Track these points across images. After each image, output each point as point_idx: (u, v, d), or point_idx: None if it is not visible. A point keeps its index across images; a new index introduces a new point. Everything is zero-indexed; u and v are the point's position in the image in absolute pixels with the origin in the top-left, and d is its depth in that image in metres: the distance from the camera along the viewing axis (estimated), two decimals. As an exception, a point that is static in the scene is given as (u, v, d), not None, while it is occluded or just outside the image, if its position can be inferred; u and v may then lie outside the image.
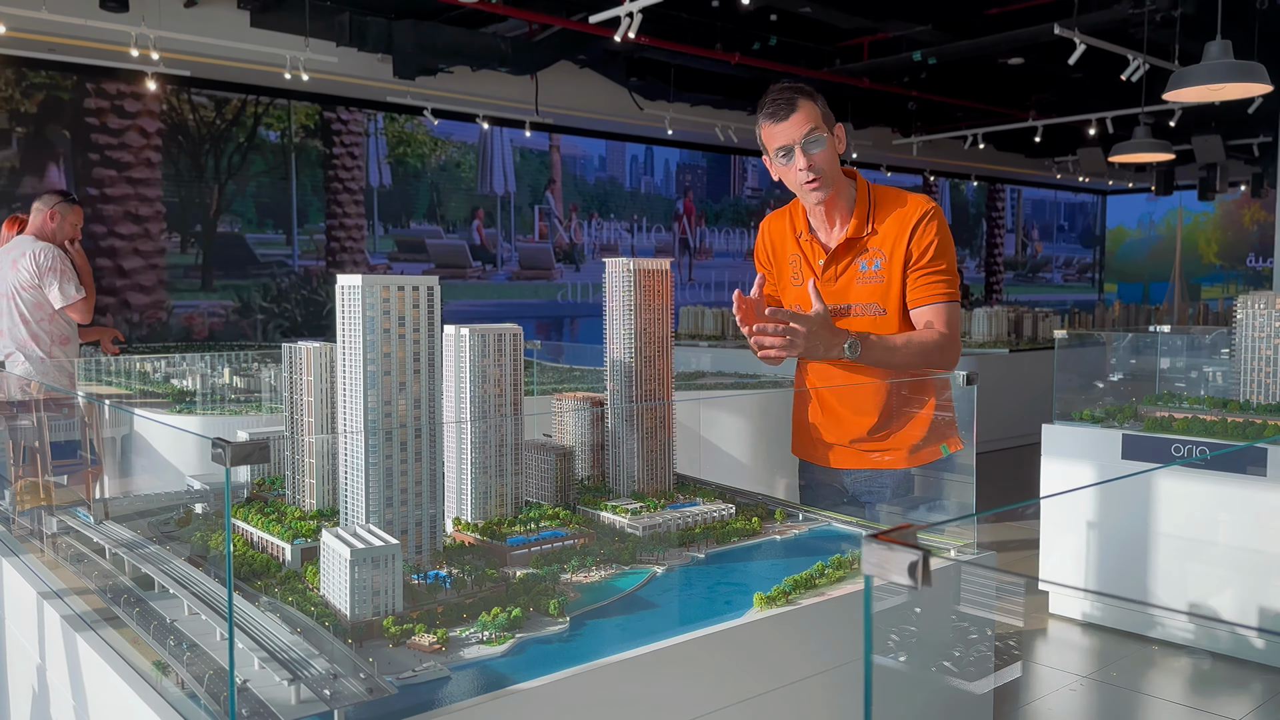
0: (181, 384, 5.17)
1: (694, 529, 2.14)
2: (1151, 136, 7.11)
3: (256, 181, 9.70)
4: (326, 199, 10.11)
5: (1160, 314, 14.62)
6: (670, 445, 2.38)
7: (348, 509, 1.84)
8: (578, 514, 2.20)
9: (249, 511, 2.12)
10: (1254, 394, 3.88)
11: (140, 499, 2.46)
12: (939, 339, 2.36)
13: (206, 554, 1.89)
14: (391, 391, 1.80)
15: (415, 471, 1.84)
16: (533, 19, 8.44)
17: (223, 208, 9.50)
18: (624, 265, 2.28)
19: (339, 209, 10.24)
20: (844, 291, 2.50)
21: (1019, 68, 10.94)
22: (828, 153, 2.41)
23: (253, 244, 9.73)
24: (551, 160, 11.83)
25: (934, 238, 2.40)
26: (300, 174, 9.90)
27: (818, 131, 2.39)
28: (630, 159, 12.58)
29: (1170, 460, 3.68)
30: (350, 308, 1.79)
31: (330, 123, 10.11)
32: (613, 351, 2.33)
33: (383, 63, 9.27)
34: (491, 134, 11.06)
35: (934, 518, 2.32)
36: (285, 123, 9.75)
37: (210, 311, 9.41)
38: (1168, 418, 3.84)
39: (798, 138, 2.40)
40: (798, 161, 2.41)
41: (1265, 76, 3.68)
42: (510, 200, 11.50)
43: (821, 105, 2.42)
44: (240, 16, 8.31)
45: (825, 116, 2.42)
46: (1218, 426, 3.66)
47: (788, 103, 2.40)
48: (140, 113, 8.94)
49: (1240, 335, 3.90)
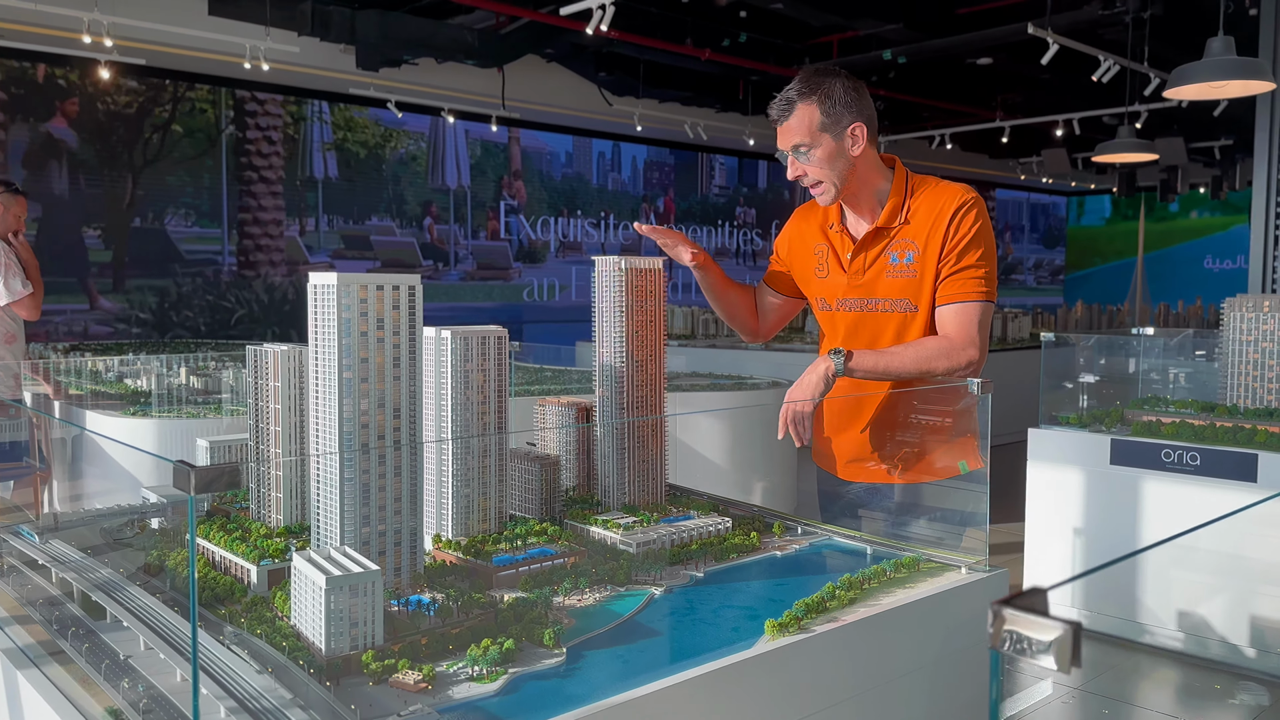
0: (135, 384, 4.95)
1: (690, 545, 2.01)
2: (1132, 137, 7.08)
3: (178, 172, 9.02)
4: (240, 190, 9.40)
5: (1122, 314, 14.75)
6: (662, 455, 2.25)
7: (320, 528, 1.69)
8: (566, 529, 2.07)
9: (210, 528, 1.96)
10: (1241, 398, 3.83)
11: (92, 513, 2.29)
12: (944, 345, 2.21)
13: (165, 578, 1.73)
14: (369, 400, 1.65)
15: (394, 487, 1.69)
16: (501, 10, 8.27)
17: (139, 200, 8.83)
18: (614, 264, 2.15)
19: (253, 201, 9.48)
20: (872, 285, 2.35)
21: (987, 68, 10.94)
22: (823, 160, 2.27)
23: (178, 239, 9.05)
24: (511, 153, 11.58)
25: (970, 230, 2.24)
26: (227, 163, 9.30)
27: (804, 146, 2.27)
28: (598, 155, 12.43)
29: (1160, 465, 3.62)
30: (324, 309, 1.64)
31: (244, 102, 9.35)
32: (602, 355, 2.19)
33: (345, 53, 9.05)
34: (441, 125, 10.69)
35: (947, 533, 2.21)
36: (215, 108, 9.24)
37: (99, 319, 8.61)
38: (1155, 422, 3.78)
39: (786, 146, 2.30)
40: (790, 169, 2.31)
41: (1268, 73, 3.63)
42: (467, 196, 11.17)
43: (825, 105, 2.26)
44: (197, 4, 8.05)
45: (827, 121, 2.26)
46: (1207, 431, 3.60)
47: (785, 107, 2.28)
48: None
49: (1226, 339, 3.85)
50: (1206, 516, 3.36)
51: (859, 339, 2.37)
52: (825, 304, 2.45)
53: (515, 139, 11.55)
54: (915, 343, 2.25)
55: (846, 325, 2.40)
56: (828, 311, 2.45)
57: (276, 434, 1.99)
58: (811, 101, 2.28)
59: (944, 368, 2.18)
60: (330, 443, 1.65)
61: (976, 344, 2.22)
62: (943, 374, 2.18)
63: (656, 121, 10.83)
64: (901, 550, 2.05)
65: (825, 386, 2.16)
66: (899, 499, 2.36)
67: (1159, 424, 3.76)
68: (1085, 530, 3.87)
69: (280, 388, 1.97)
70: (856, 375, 2.20)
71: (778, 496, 5.34)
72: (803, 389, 2.17)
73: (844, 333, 2.40)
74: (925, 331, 2.29)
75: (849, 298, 2.38)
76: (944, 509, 2.27)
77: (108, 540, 2.06)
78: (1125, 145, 7.01)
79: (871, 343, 2.34)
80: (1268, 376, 3.77)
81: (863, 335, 2.37)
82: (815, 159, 2.28)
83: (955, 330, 2.23)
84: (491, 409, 2.00)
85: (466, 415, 1.97)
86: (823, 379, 2.15)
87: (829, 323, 2.47)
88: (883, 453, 2.36)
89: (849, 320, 2.39)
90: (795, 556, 2.06)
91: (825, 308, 2.45)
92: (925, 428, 2.30)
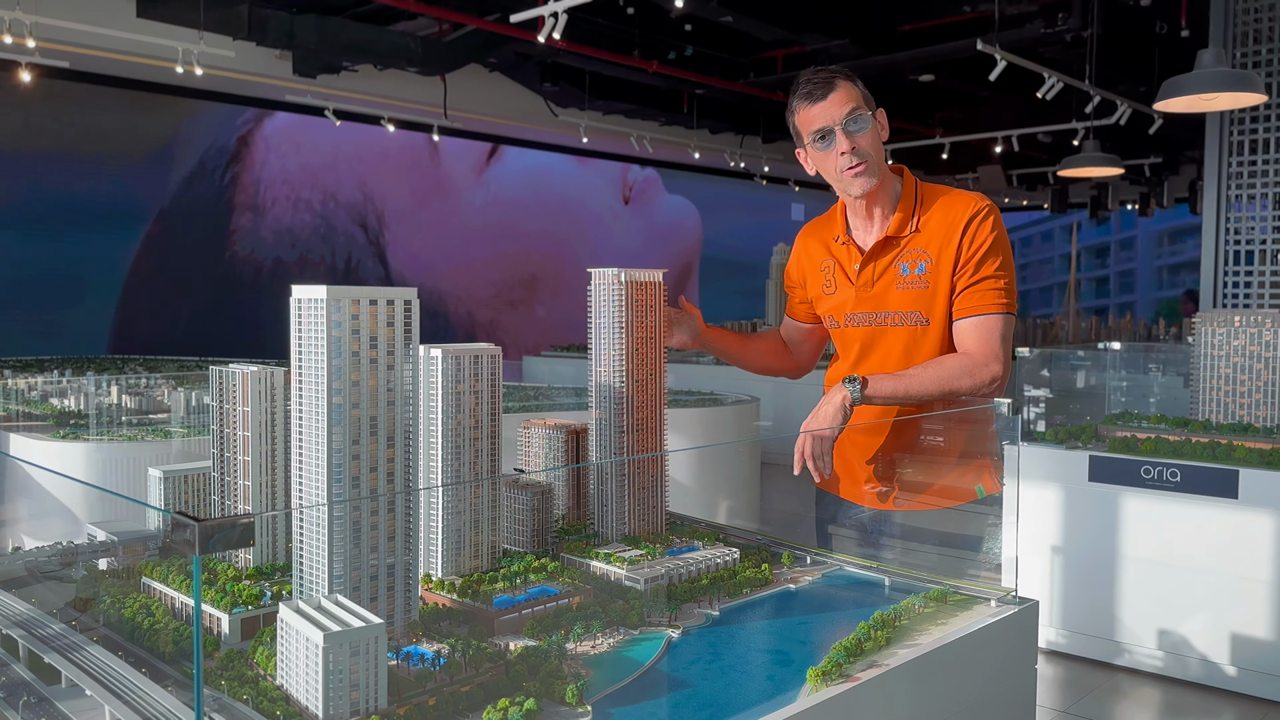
0: (63, 404, 4.64)
1: (700, 580, 1.86)
2: (1097, 150, 7.13)
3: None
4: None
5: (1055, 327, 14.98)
6: (663, 481, 2.10)
7: (305, 572, 1.50)
8: (564, 564, 1.90)
9: (167, 570, 1.76)
10: (1214, 413, 3.81)
11: (25, 554, 2.05)
12: (965, 362, 2.09)
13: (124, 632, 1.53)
14: (360, 428, 1.48)
15: (388, 525, 1.52)
16: (445, 17, 8.07)
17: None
18: (613, 277, 1.99)
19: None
20: (881, 298, 2.22)
21: (928, 85, 11.04)
22: (871, 136, 2.16)
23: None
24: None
25: (987, 239, 2.13)
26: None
27: (860, 111, 2.13)
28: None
29: (1140, 482, 3.57)
30: (310, 326, 1.46)
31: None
32: (599, 375, 2.03)
33: (282, 59, 8.76)
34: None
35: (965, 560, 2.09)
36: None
37: None
38: (1131, 438, 3.74)
39: (838, 118, 2.13)
40: (839, 144, 2.14)
41: (1260, 85, 3.62)
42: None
43: (861, 87, 2.17)
44: (126, 5, 7.70)
45: (866, 98, 2.17)
46: (1184, 447, 3.57)
47: (825, 83, 2.14)
48: None
49: (1199, 354, 3.84)
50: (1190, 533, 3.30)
51: (873, 356, 2.24)
52: (834, 321, 2.32)
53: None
54: (934, 362, 2.12)
55: (861, 342, 2.27)
56: (838, 330, 2.32)
57: (245, 464, 1.79)
58: (849, 79, 2.18)
59: (967, 387, 2.06)
60: (317, 475, 1.47)
61: (1000, 359, 2.10)
62: (966, 393, 2.06)
63: (602, 134, 10.70)
64: (922, 582, 1.93)
65: (844, 417, 2.02)
66: (910, 524, 2.24)
67: (1135, 440, 3.72)
68: (1065, 549, 3.81)
69: (250, 413, 1.78)
70: (875, 403, 2.07)
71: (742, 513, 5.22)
72: (819, 420, 2.03)
73: (858, 351, 2.28)
74: (937, 347, 2.17)
75: (858, 312, 2.25)
76: (961, 535, 2.16)
77: (46, 584, 1.84)
78: (1091, 159, 7.07)
79: (882, 360, 2.22)
80: (1239, 391, 3.76)
81: (873, 352, 2.24)
82: (870, 129, 2.16)
83: (976, 345, 2.11)
84: (485, 434, 1.83)
85: (458, 441, 1.79)
86: (840, 410, 2.01)
87: (842, 342, 2.34)
88: (893, 474, 2.23)
89: (862, 337, 2.27)
90: (811, 590, 1.92)
91: (835, 325, 2.33)
92: (939, 449, 2.18)
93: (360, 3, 7.88)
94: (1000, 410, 1.87)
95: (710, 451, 5.19)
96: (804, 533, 2.48)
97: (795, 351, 2.56)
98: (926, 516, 2.23)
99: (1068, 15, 8.41)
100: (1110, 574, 3.71)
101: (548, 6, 6.33)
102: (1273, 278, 5.44)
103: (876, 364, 2.23)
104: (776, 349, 2.55)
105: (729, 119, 11.96)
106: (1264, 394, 3.71)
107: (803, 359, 2.56)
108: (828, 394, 2.05)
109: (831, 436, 2.02)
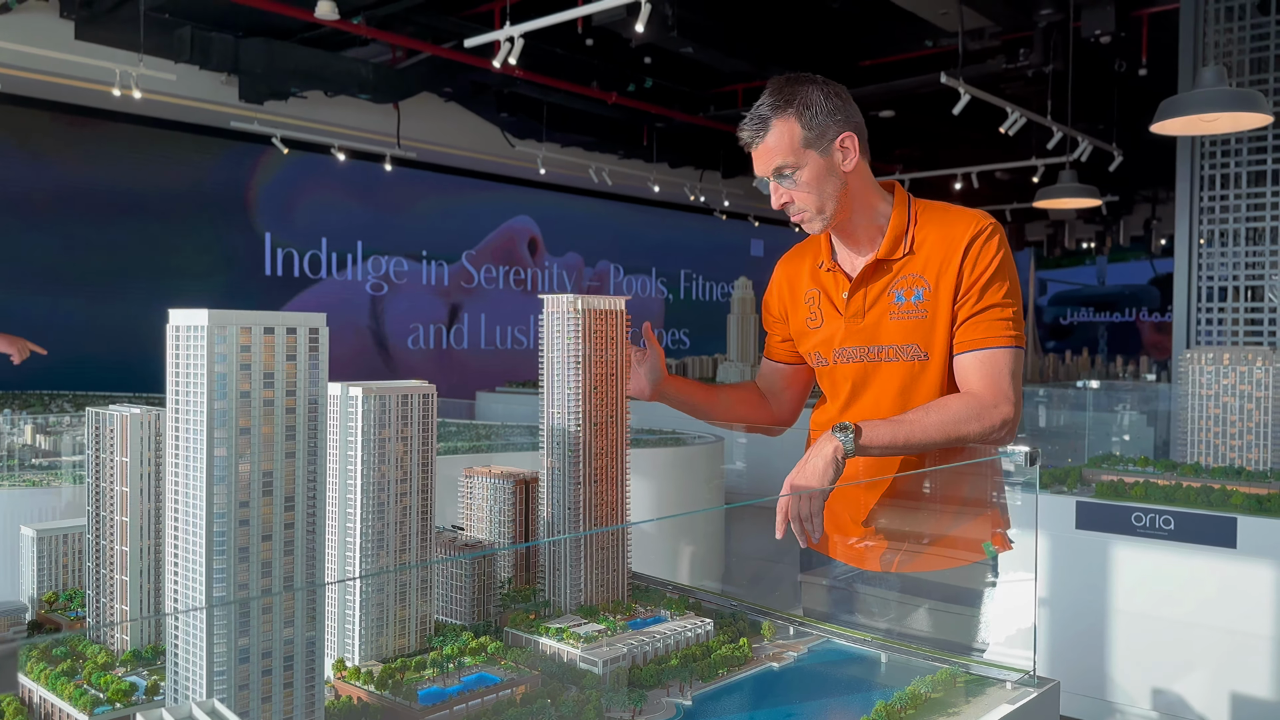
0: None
1: (668, 659, 1.58)
2: (1074, 181, 7.02)
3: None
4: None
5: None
6: (625, 540, 1.83)
7: (180, 666, 1.21)
8: (507, 641, 1.62)
9: (28, 653, 1.45)
10: (1203, 455, 3.62)
11: None
12: (971, 404, 1.84)
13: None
14: (251, 487, 1.19)
15: (285, 606, 1.23)
16: (399, 43, 7.83)
17: None
18: (568, 304, 1.73)
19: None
20: (873, 330, 1.97)
21: (888, 121, 10.98)
22: (811, 182, 1.91)
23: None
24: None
25: (992, 262, 1.89)
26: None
27: (788, 168, 1.91)
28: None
29: (1131, 530, 3.36)
30: (190, 360, 1.18)
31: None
32: (552, 417, 1.76)
33: (228, 84, 8.45)
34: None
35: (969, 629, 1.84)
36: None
37: None
38: (1119, 482, 3.53)
39: (766, 172, 1.93)
40: (772, 197, 1.94)
41: (1265, 106, 3.46)
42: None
43: (807, 117, 1.90)
44: (63, 27, 7.37)
45: (810, 135, 1.90)
46: (1176, 492, 3.36)
47: (758, 125, 1.91)
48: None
49: (1187, 394, 3.65)
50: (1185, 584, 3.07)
51: (865, 397, 1.98)
52: (822, 359, 2.05)
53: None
54: (937, 404, 1.86)
55: (853, 381, 2.00)
56: (826, 368, 2.05)
57: (123, 526, 1.49)
58: (788, 115, 1.91)
59: (975, 432, 1.80)
60: (194, 547, 1.18)
61: (1010, 399, 1.84)
62: (974, 439, 1.80)
63: (560, 165, 10.48)
64: (924, 659, 1.67)
65: (835, 472, 1.74)
66: (907, 588, 1.98)
67: (1123, 484, 3.51)
68: (1051, 600, 3.58)
69: (129, 464, 1.48)
70: (871, 454, 1.80)
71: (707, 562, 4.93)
72: (807, 476, 1.75)
73: (849, 391, 2.01)
74: (938, 385, 1.92)
75: (847, 346, 1.99)
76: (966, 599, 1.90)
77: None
78: (1068, 190, 6.95)
79: (876, 400, 1.96)
80: (1229, 433, 3.57)
81: (866, 392, 1.98)
82: (802, 181, 1.91)
83: (983, 384, 1.86)
84: (414, 488, 1.55)
85: (381, 498, 1.51)
86: (831, 464, 1.74)
87: (831, 382, 2.07)
88: (889, 531, 1.97)
89: (854, 374, 2.00)
90: (798, 669, 1.65)
91: (823, 363, 2.06)
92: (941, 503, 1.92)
93: (310, 27, 7.61)
94: (1015, 458, 1.62)
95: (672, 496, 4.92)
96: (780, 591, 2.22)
97: (774, 401, 2.28)
98: (926, 580, 1.97)
99: (1029, 51, 8.38)
100: (1100, 628, 3.48)
101: (503, 31, 6.11)
102: (1248, 314, 5.32)
103: (870, 405, 1.97)
104: (751, 399, 2.28)
105: (689, 153, 11.82)
106: (1255, 435, 3.52)
107: (782, 410, 2.28)
108: (816, 444, 1.78)
109: (822, 496, 1.75)
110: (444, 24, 7.67)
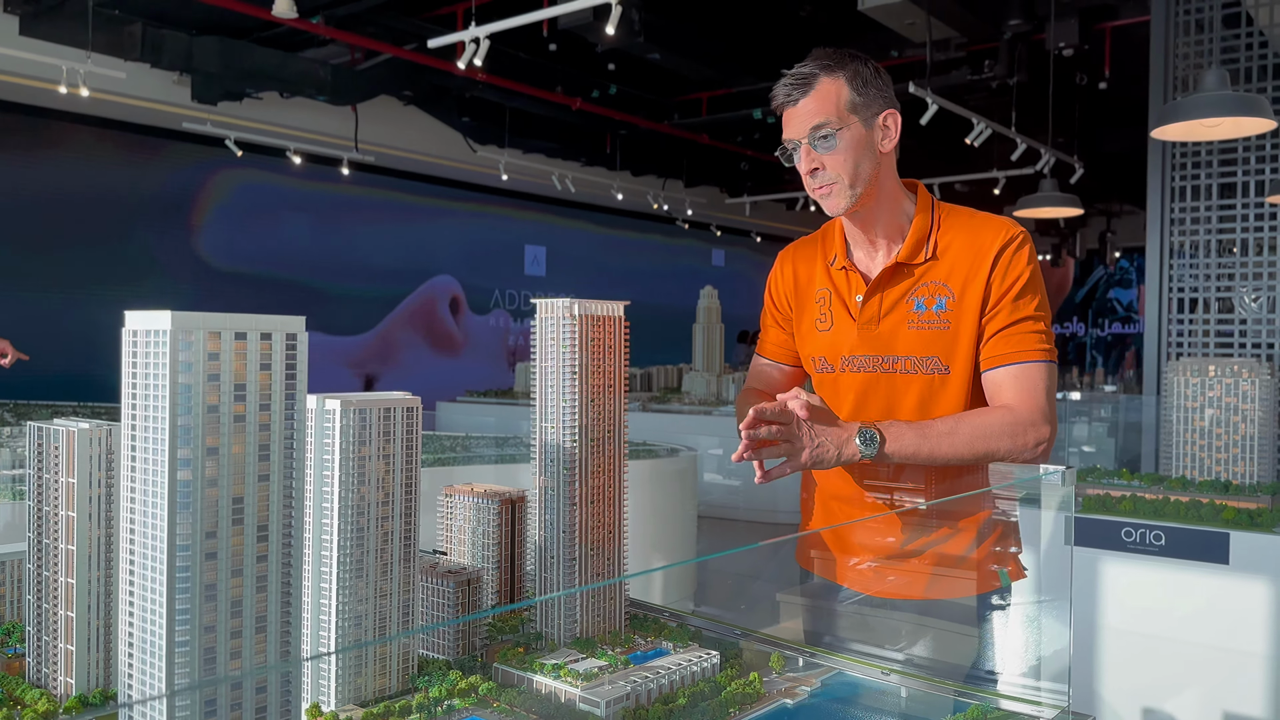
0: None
1: (676, 698, 1.45)
2: (1055, 190, 6.99)
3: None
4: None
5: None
6: (620, 561, 1.69)
7: (134, 716, 1.05)
8: (497, 679, 1.47)
9: (-44, 699, 1.28)
10: (1189, 469, 3.56)
11: None
12: (1007, 419, 1.72)
13: None
14: (220, 514, 1.04)
15: (255, 646, 1.08)
16: (359, 43, 7.64)
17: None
18: (563, 309, 1.59)
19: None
20: (890, 339, 1.84)
21: (853, 131, 10.96)
22: (848, 152, 1.78)
23: None
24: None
25: (1023, 273, 1.78)
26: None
27: (829, 127, 1.77)
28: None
29: (1121, 546, 3.28)
30: (150, 369, 1.03)
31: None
32: (545, 432, 1.62)
33: (180, 84, 8.19)
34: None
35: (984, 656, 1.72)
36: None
37: None
38: (1106, 496, 3.46)
39: (802, 133, 1.79)
40: (802, 162, 1.80)
41: (1268, 110, 3.41)
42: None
43: (857, 82, 1.78)
44: (7, 21, 7.09)
45: (858, 100, 1.78)
46: (1165, 507, 3.30)
47: (802, 82, 1.77)
48: None
49: (1172, 406, 3.59)
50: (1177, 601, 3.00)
51: (869, 410, 1.86)
52: (826, 364, 1.92)
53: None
54: (971, 415, 1.74)
55: (855, 392, 1.87)
56: (830, 374, 1.92)
57: (69, 555, 1.33)
58: (838, 75, 1.78)
59: (1007, 449, 1.69)
60: (154, 581, 1.02)
61: (1048, 419, 1.73)
62: (1003, 457, 1.69)
63: (522, 172, 10.32)
64: (948, 693, 1.55)
65: (832, 461, 1.65)
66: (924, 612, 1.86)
67: (1110, 498, 3.44)
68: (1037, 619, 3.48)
69: (75, 486, 1.32)
70: (893, 461, 1.68)
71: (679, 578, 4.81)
72: (816, 456, 1.65)
73: (853, 402, 1.88)
74: (961, 400, 1.80)
75: (858, 354, 1.86)
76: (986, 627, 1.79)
77: None
78: (1049, 199, 6.93)
79: (884, 415, 1.83)
80: (1215, 446, 3.52)
81: (874, 405, 1.86)
82: (840, 146, 1.78)
83: (1019, 399, 1.74)
84: (396, 512, 1.40)
85: (361, 522, 1.36)
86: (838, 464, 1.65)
87: (832, 390, 1.93)
88: (904, 553, 1.85)
89: (858, 385, 1.87)
90: (814, 707, 1.52)
91: (826, 369, 1.93)
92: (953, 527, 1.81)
93: (266, 26, 7.39)
94: (1051, 480, 1.51)
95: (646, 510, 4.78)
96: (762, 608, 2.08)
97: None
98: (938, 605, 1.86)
99: (994, 63, 8.40)
100: (1089, 646, 3.39)
101: (467, 32, 5.95)
102: (1218, 326, 5.31)
103: (877, 418, 1.84)
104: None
105: (652, 161, 11.72)
106: (1241, 449, 3.47)
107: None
108: (836, 436, 1.66)
109: (809, 452, 1.63)
110: (405, 25, 7.49)
